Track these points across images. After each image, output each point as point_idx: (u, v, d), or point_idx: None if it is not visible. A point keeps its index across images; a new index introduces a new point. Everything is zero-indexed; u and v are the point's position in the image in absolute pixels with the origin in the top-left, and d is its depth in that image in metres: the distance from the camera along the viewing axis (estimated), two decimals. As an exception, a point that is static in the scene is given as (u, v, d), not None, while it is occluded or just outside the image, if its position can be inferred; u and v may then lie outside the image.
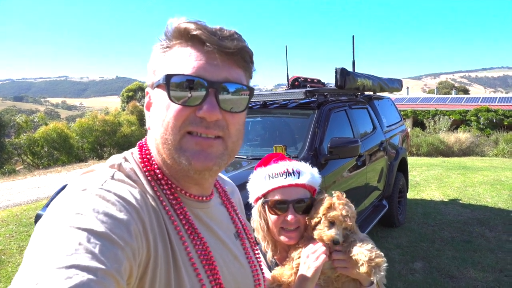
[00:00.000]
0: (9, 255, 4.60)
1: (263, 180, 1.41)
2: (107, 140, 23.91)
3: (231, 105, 0.77)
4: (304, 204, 1.35)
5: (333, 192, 1.35)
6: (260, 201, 1.41)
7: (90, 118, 24.44)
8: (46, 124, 24.76)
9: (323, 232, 1.23)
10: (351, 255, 1.19)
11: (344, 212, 1.24)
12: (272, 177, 1.38)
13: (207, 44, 0.73)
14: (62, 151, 22.21)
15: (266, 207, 1.39)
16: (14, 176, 12.55)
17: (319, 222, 1.26)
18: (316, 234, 1.25)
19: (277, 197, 1.36)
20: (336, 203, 1.26)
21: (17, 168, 20.72)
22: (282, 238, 1.35)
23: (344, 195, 1.33)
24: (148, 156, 0.81)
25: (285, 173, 1.37)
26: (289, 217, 1.32)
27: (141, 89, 38.20)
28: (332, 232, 1.22)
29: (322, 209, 1.25)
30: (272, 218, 1.37)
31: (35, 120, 28.52)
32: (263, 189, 1.40)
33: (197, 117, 0.74)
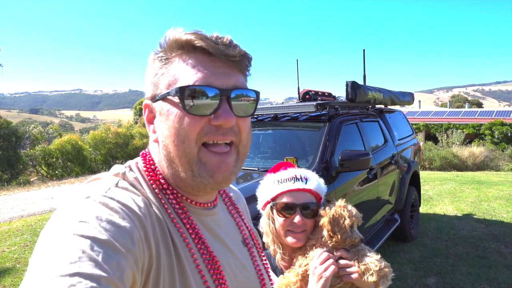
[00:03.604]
0: (23, 264, 4.67)
1: (272, 185, 1.49)
2: (119, 152, 24.23)
3: (242, 110, 0.79)
4: (310, 209, 1.42)
5: (334, 203, 1.41)
6: (269, 205, 1.48)
7: (103, 131, 24.85)
8: (61, 136, 25.26)
9: (352, 237, 1.30)
10: (361, 264, 1.23)
11: (355, 214, 1.35)
12: (281, 182, 1.46)
13: (213, 53, 0.75)
14: (76, 163, 22.57)
15: (274, 210, 1.46)
16: (28, 186, 12.79)
17: (345, 232, 1.31)
18: (347, 241, 1.30)
19: (285, 200, 1.43)
20: (350, 210, 1.34)
21: (31, 179, 21.11)
22: (289, 239, 1.41)
23: (344, 201, 1.41)
24: (152, 167, 0.82)
25: (293, 179, 1.45)
26: (297, 219, 1.39)
27: (154, 102, 38.71)
28: (358, 234, 1.32)
29: (347, 223, 1.31)
30: (279, 220, 1.43)
31: (50, 132, 29.12)
32: (272, 193, 1.47)
33: (212, 126, 0.75)
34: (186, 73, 0.75)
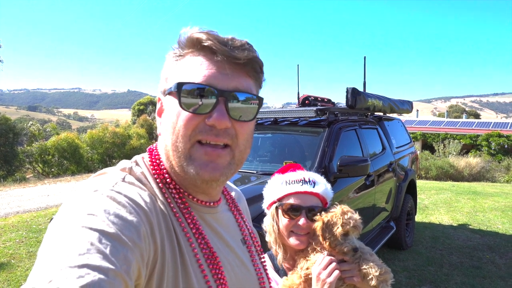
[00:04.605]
0: (18, 259, 4.66)
1: (279, 186, 1.49)
2: (116, 152, 24.17)
3: (241, 113, 0.78)
4: (316, 212, 1.41)
5: (335, 206, 1.39)
6: (274, 205, 1.48)
7: (100, 130, 24.77)
8: (58, 134, 25.17)
9: (343, 245, 1.28)
10: (361, 268, 1.24)
11: (353, 223, 1.31)
12: (289, 183, 1.46)
13: (218, 54, 0.75)
14: (72, 161, 22.49)
15: (279, 210, 1.46)
16: (24, 183, 12.74)
17: (336, 240, 1.30)
18: (337, 249, 1.29)
19: (291, 202, 1.43)
20: (345, 218, 1.31)
21: (27, 176, 21.01)
22: (292, 240, 1.41)
23: (345, 207, 1.38)
24: (157, 161, 0.83)
25: (301, 181, 1.46)
26: (301, 221, 1.39)
27: (152, 103, 38.76)
28: (351, 243, 1.29)
29: (338, 231, 1.29)
30: (284, 221, 1.44)
31: (47, 129, 29.03)
32: (279, 193, 1.47)
33: (206, 126, 0.75)
34: (191, 70, 0.77)
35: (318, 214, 1.38)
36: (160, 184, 0.80)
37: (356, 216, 1.34)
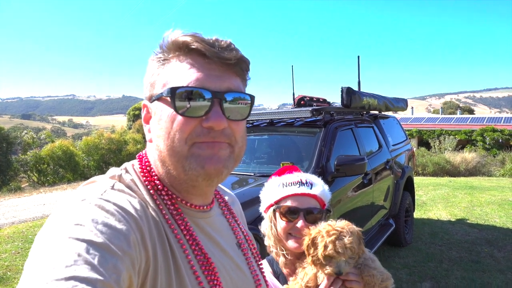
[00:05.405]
0: (15, 271, 4.60)
1: (276, 188, 1.46)
2: (112, 158, 24.02)
3: (235, 113, 0.79)
4: (314, 214, 1.39)
5: (323, 225, 1.28)
6: (272, 208, 1.46)
7: (96, 136, 24.61)
8: (53, 142, 24.98)
9: (323, 268, 1.24)
10: (363, 275, 1.22)
11: (336, 249, 1.19)
12: (286, 186, 1.44)
13: (208, 56, 0.75)
14: (67, 169, 22.31)
15: (277, 213, 1.44)
16: (19, 193, 12.62)
17: (318, 259, 1.24)
18: (318, 268, 1.26)
19: (289, 204, 1.41)
20: (327, 241, 1.20)
21: (22, 186, 20.82)
22: (290, 243, 1.39)
23: (336, 225, 1.24)
24: (148, 168, 0.82)
25: (298, 183, 1.43)
26: (299, 224, 1.37)
27: (147, 108, 38.55)
28: (335, 267, 1.20)
29: (320, 252, 1.22)
30: (281, 224, 1.41)
31: (42, 137, 28.81)
32: (276, 196, 1.45)
33: (204, 128, 0.75)
34: (181, 74, 0.76)
35: (309, 228, 1.30)
36: (151, 191, 0.79)
37: (346, 240, 1.18)
